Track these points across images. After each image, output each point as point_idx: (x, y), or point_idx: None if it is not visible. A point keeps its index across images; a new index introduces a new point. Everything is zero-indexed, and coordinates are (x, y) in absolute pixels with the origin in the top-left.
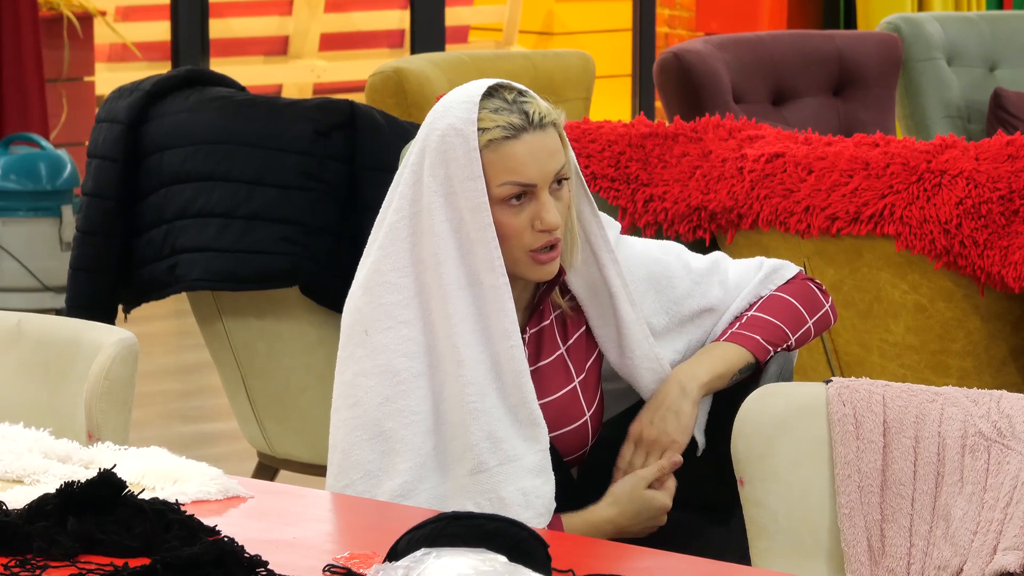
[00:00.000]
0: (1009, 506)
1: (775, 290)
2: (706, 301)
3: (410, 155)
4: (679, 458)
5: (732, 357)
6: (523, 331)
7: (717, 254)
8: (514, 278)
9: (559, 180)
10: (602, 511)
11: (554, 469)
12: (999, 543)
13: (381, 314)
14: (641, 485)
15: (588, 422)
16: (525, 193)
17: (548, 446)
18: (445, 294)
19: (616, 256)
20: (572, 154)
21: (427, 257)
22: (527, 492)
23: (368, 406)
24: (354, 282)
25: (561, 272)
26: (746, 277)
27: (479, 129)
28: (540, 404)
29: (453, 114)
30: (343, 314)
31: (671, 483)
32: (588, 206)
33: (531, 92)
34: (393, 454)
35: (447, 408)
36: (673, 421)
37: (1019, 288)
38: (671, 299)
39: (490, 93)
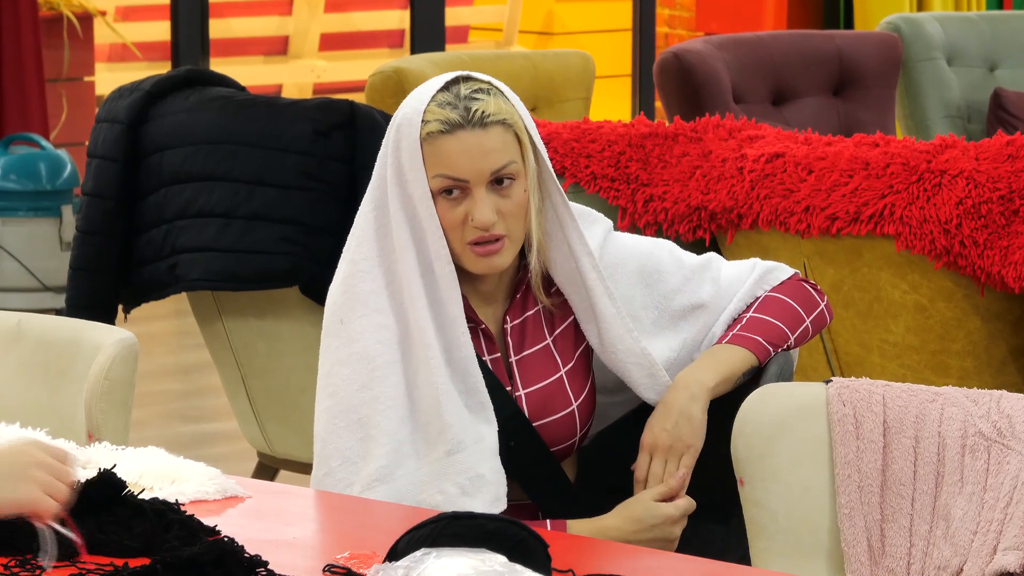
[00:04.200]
0: (1009, 506)
1: (770, 290)
2: (697, 297)
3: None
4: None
5: (736, 361)
6: (504, 322)
7: (710, 254)
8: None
9: (500, 179)
10: (606, 519)
11: (540, 460)
12: (999, 543)
13: (355, 303)
14: (648, 498)
15: (575, 412)
16: (459, 188)
17: (497, 428)
18: (409, 281)
19: (591, 250)
20: (538, 154)
21: (395, 245)
22: (496, 470)
23: (345, 394)
24: (335, 275)
25: (527, 269)
26: (740, 277)
27: (422, 121)
28: (525, 393)
29: (409, 104)
30: (325, 307)
31: (684, 505)
32: (562, 202)
33: (497, 89)
34: (370, 440)
35: (421, 395)
36: (687, 426)
37: (1019, 288)
38: (661, 294)
39: (448, 86)
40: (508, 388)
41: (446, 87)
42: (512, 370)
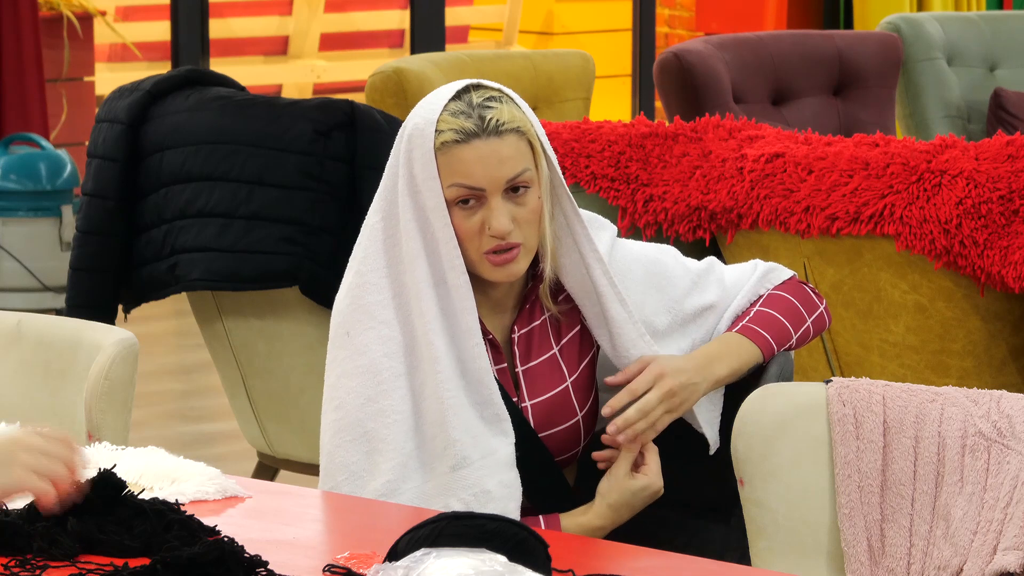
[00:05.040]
0: (1009, 506)
1: (774, 289)
2: (705, 299)
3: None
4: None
5: (746, 355)
6: (511, 332)
7: (710, 258)
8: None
9: (516, 187)
10: (596, 519)
11: (544, 470)
12: (999, 543)
13: (362, 315)
14: (623, 479)
15: (580, 422)
16: (476, 197)
17: (514, 439)
18: (419, 292)
19: (601, 256)
20: (549, 160)
21: (404, 256)
22: (507, 484)
23: (351, 407)
24: (341, 285)
25: (539, 278)
26: (742, 278)
27: (436, 131)
28: (531, 404)
29: (420, 114)
30: (331, 318)
31: (652, 462)
32: (571, 208)
33: (508, 96)
34: (376, 454)
35: (427, 408)
36: (689, 393)
37: (1019, 288)
38: (672, 298)
39: (460, 95)
40: (514, 399)
41: (457, 96)
42: (519, 380)
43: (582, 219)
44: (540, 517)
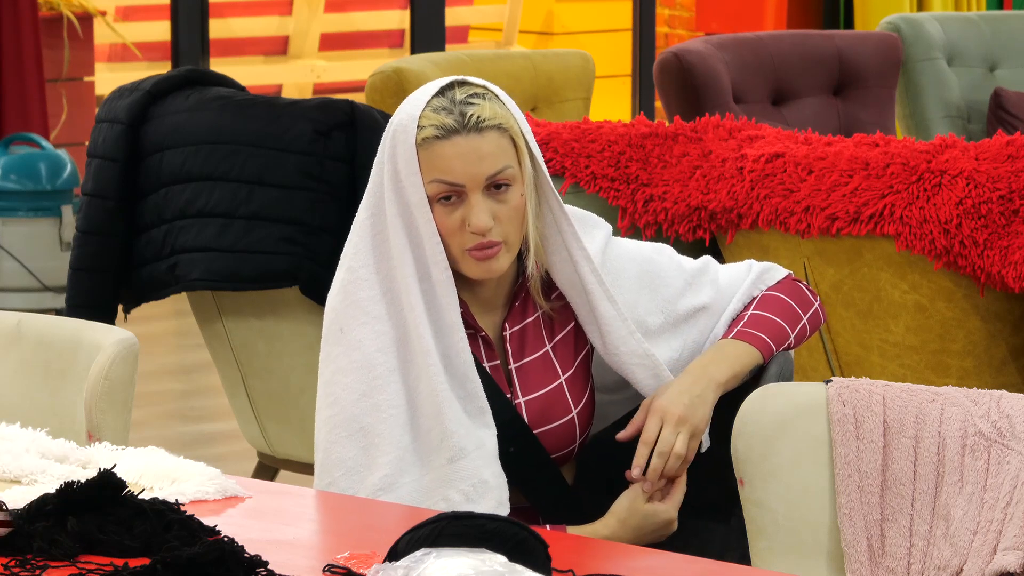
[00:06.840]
0: (1009, 506)
1: (767, 290)
2: (699, 300)
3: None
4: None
5: (744, 357)
6: (503, 329)
7: (706, 258)
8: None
9: (497, 184)
10: (603, 529)
11: (540, 467)
12: (999, 543)
13: (355, 311)
14: (639, 500)
15: (575, 419)
16: (456, 193)
17: (496, 432)
18: (407, 287)
19: (590, 254)
20: (534, 158)
21: (392, 251)
22: (497, 475)
23: (346, 403)
24: (333, 281)
25: (526, 275)
26: (737, 279)
27: (418, 126)
28: (525, 401)
29: (404, 109)
30: (324, 314)
31: (678, 495)
32: (558, 206)
33: (493, 93)
34: (373, 449)
35: (422, 401)
36: (701, 409)
37: (1019, 288)
38: (665, 298)
39: (443, 91)
40: (508, 395)
41: (441, 92)
42: (512, 377)
43: (569, 217)
44: (547, 526)
